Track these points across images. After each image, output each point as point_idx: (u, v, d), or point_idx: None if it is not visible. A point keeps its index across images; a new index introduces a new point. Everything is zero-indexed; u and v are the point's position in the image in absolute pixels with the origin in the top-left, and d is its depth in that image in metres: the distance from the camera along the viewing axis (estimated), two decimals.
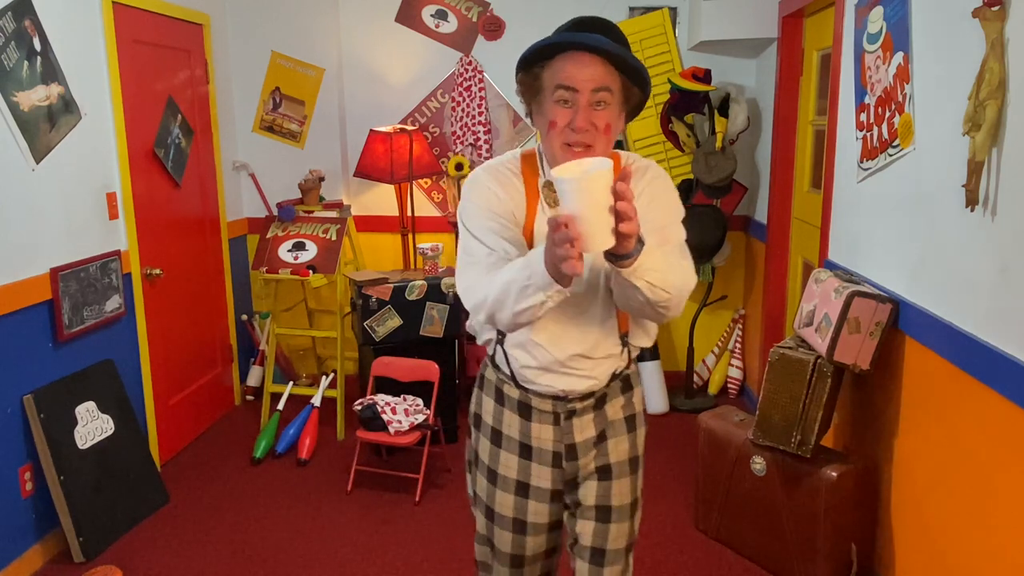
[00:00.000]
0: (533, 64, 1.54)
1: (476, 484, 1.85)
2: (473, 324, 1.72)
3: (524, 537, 1.78)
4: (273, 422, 3.96)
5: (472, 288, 1.58)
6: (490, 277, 1.52)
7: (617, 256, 1.36)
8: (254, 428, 4.17)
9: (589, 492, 1.73)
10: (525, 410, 1.72)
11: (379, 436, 3.40)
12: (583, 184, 1.23)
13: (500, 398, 1.76)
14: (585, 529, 1.74)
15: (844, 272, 2.75)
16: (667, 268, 1.44)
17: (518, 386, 1.71)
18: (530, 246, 1.58)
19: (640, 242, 1.36)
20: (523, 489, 1.75)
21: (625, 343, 1.69)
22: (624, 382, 1.76)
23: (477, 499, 1.86)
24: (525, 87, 1.57)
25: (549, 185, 1.62)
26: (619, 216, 1.27)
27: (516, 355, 1.67)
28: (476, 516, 1.87)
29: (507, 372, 1.72)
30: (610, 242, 1.28)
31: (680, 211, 1.65)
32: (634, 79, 1.52)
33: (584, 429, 1.71)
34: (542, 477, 1.74)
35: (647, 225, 1.49)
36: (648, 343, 1.74)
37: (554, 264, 1.32)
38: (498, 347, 1.70)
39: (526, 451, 1.74)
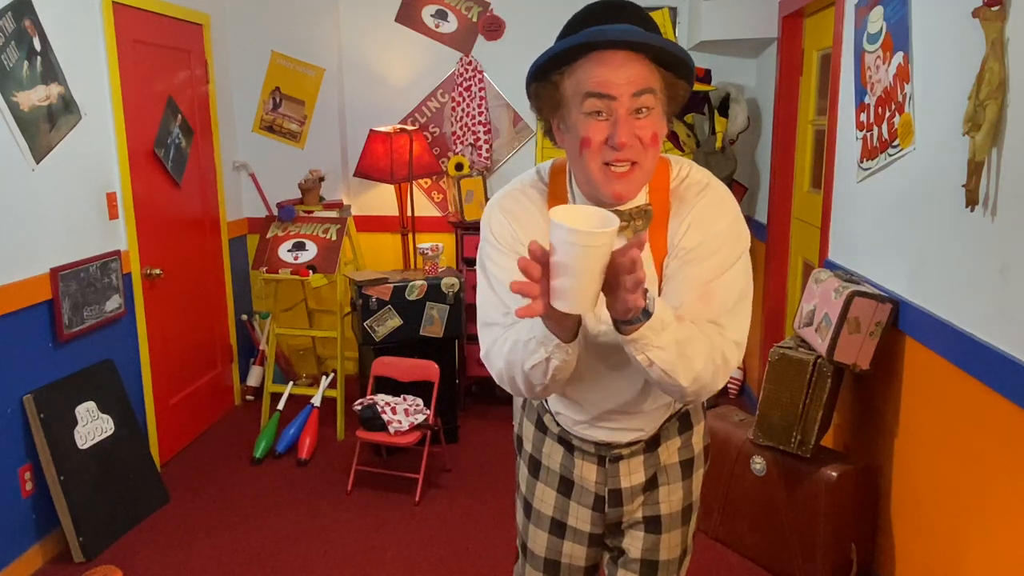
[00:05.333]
0: (550, 71, 1.23)
1: (518, 517, 1.67)
2: None
3: None
4: (273, 422, 3.96)
5: (490, 355, 1.36)
6: (503, 341, 1.31)
7: (616, 320, 1.15)
8: (254, 428, 4.17)
9: (634, 543, 1.53)
10: (567, 445, 1.54)
11: (379, 436, 3.40)
12: (577, 238, 1.02)
13: (542, 426, 1.58)
14: None
15: (844, 272, 2.75)
16: (682, 352, 1.18)
17: (558, 424, 1.53)
18: None
19: (646, 312, 1.12)
20: (559, 528, 1.56)
21: None
22: (682, 420, 1.53)
23: (519, 530, 1.67)
24: (543, 100, 1.27)
25: None
26: (618, 283, 1.07)
27: (551, 400, 1.50)
28: (519, 554, 1.69)
29: (547, 405, 1.55)
30: (589, 308, 1.07)
31: (738, 250, 1.30)
32: (680, 72, 1.22)
33: (633, 474, 1.50)
34: (581, 519, 1.55)
35: (687, 279, 1.27)
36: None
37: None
38: None
39: (566, 486, 1.54)
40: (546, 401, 1.53)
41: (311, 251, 4.10)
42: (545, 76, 1.24)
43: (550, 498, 1.56)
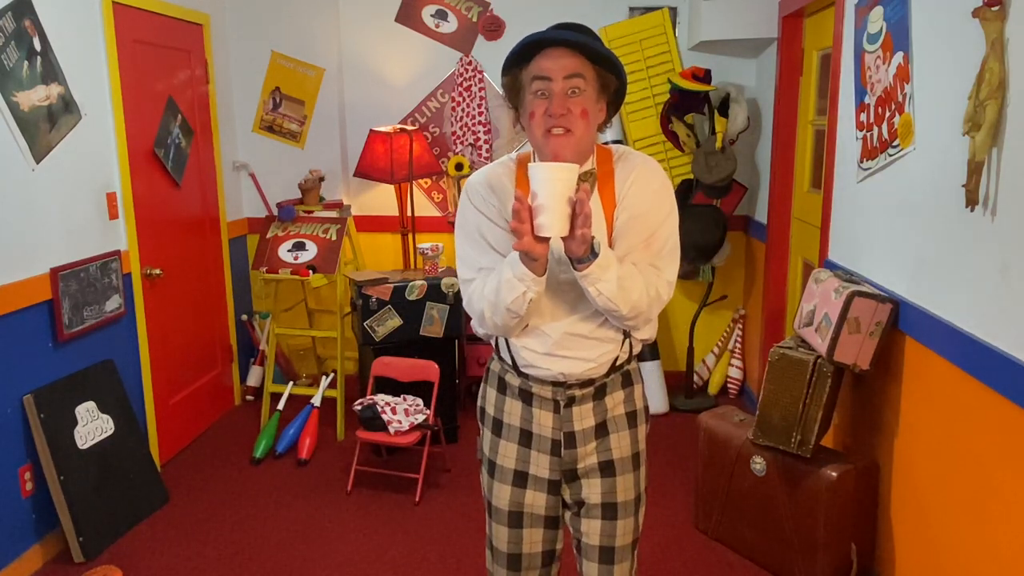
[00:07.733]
0: (513, 67, 1.64)
1: (483, 481, 1.87)
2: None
3: (520, 531, 1.79)
4: (273, 422, 3.96)
5: (472, 302, 1.71)
6: (483, 287, 1.65)
7: (572, 259, 1.53)
8: (254, 428, 4.17)
9: (593, 489, 1.75)
10: (526, 397, 1.77)
11: (379, 436, 3.40)
12: (546, 172, 1.45)
13: (503, 387, 1.81)
14: (592, 528, 1.76)
15: (844, 272, 2.75)
16: (622, 285, 1.56)
17: (519, 374, 1.75)
18: None
19: (594, 253, 1.51)
20: (521, 478, 1.78)
21: (626, 334, 1.72)
22: (625, 377, 1.79)
23: (485, 497, 1.87)
24: (509, 89, 1.68)
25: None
26: (573, 219, 1.45)
27: (514, 340, 1.72)
28: (486, 518, 1.89)
29: (509, 360, 1.76)
30: (563, 231, 1.46)
31: (669, 207, 1.70)
32: (607, 67, 1.62)
33: (583, 418, 1.74)
34: (540, 465, 1.77)
35: (632, 231, 1.64)
36: (649, 335, 1.77)
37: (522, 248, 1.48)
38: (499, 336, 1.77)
39: (526, 438, 1.77)
40: (510, 351, 1.74)
41: (311, 251, 4.11)
42: (509, 71, 1.65)
43: (512, 452, 1.79)
